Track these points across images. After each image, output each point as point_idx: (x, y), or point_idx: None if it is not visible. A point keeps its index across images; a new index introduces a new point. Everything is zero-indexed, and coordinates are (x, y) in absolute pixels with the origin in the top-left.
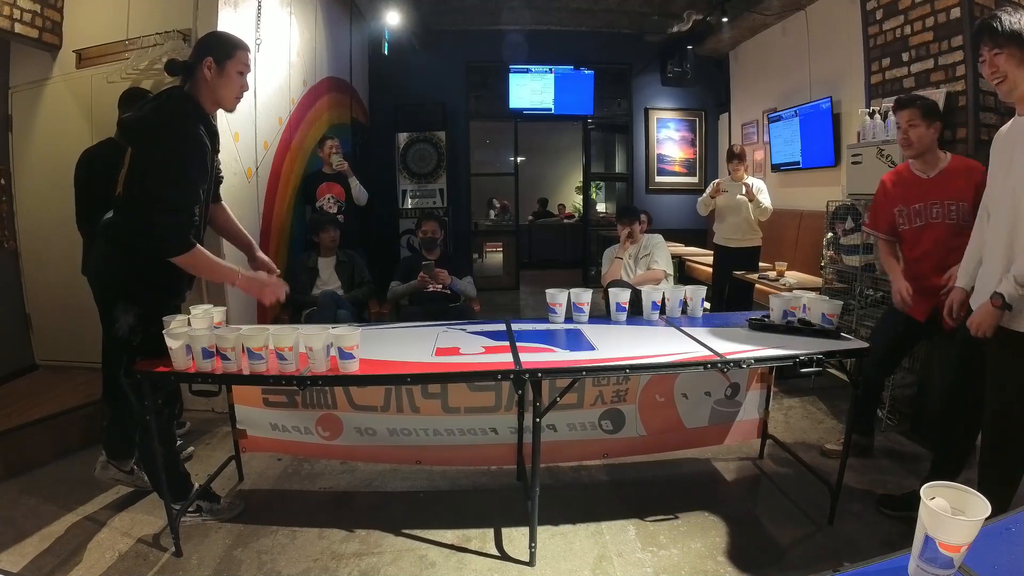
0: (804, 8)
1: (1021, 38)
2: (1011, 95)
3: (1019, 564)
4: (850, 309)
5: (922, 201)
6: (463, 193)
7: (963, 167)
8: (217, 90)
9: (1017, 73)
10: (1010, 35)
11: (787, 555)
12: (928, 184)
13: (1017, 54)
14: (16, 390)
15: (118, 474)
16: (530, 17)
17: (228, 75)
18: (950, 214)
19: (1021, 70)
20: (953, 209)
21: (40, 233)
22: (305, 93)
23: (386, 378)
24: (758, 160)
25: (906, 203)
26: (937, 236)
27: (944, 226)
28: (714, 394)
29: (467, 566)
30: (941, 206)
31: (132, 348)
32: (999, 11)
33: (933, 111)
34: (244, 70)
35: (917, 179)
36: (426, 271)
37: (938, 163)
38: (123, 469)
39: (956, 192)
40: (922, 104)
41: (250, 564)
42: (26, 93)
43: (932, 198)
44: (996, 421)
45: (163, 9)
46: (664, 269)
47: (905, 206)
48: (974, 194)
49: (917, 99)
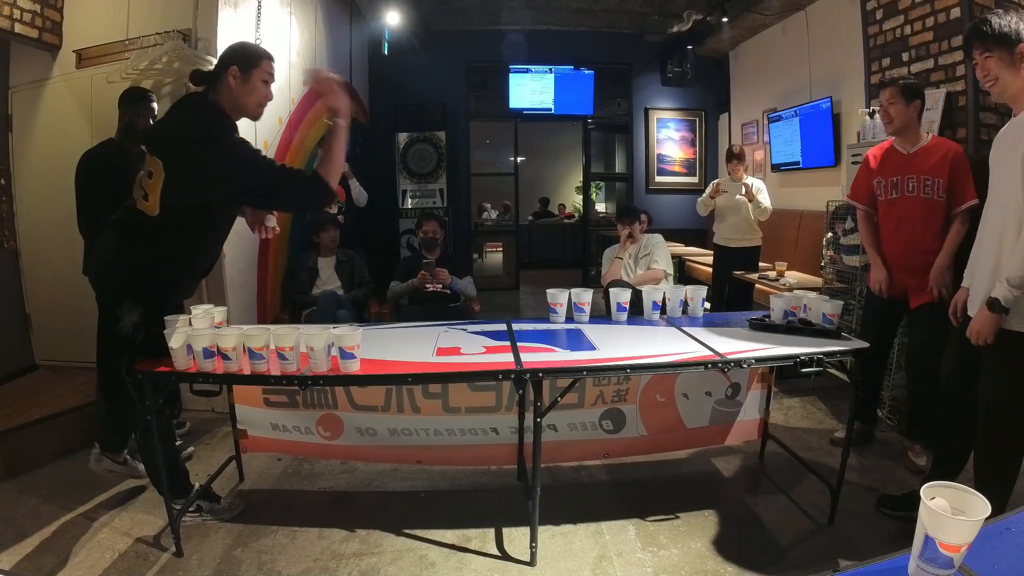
0: (804, 8)
1: (1008, 40)
2: (1003, 96)
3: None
4: (850, 309)
5: (900, 175)
6: (463, 193)
7: (941, 145)
8: (241, 98)
9: (1006, 74)
10: (998, 38)
11: (787, 555)
12: (907, 158)
13: (1006, 56)
14: (16, 390)
15: (112, 465)
16: (530, 17)
17: (253, 84)
18: (925, 189)
19: (1010, 71)
20: (928, 184)
21: (40, 233)
22: (305, 93)
23: (387, 378)
24: (758, 160)
25: (884, 175)
26: (910, 209)
27: (918, 200)
28: (715, 394)
29: (467, 566)
30: (917, 180)
31: (135, 346)
32: (989, 14)
33: (912, 90)
34: (268, 79)
35: (898, 153)
36: (427, 270)
37: (919, 141)
38: (117, 460)
39: (931, 168)
40: (903, 84)
41: (250, 564)
42: (26, 93)
43: (910, 172)
44: (990, 420)
45: (163, 9)
46: (664, 269)
47: (884, 178)
48: (949, 171)
49: (898, 79)
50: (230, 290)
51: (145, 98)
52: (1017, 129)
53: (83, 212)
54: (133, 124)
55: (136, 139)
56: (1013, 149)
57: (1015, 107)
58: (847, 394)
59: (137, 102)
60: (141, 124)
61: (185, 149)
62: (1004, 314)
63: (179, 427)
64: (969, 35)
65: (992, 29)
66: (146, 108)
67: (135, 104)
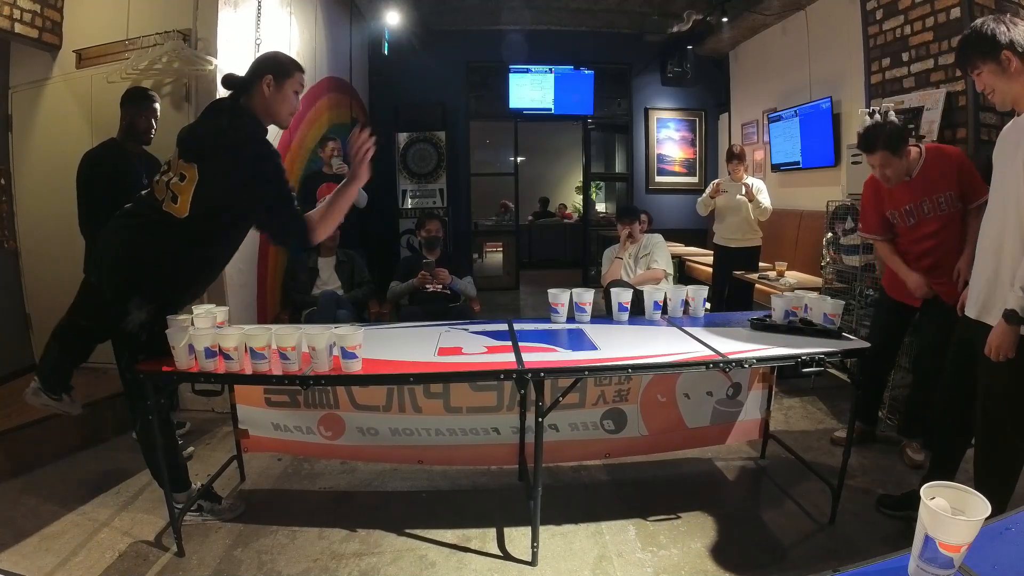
0: (804, 8)
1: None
2: (1005, 104)
3: (1019, 564)
4: (850, 309)
5: (911, 202)
6: (463, 193)
7: (938, 157)
8: (274, 106)
9: (1000, 83)
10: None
11: (787, 555)
12: (910, 185)
13: (994, 67)
14: (16, 390)
15: (48, 400)
16: (530, 17)
17: (285, 93)
18: (940, 207)
19: (1003, 79)
20: (942, 201)
21: (40, 233)
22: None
23: (389, 378)
24: (758, 160)
25: (896, 206)
26: (933, 227)
27: (937, 218)
28: (716, 394)
29: (467, 566)
30: (930, 201)
31: (139, 344)
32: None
33: (899, 141)
34: (299, 90)
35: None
36: (427, 270)
37: (916, 164)
38: (53, 396)
39: (938, 184)
40: (886, 142)
41: (250, 564)
42: (26, 93)
43: (920, 196)
44: (989, 421)
45: (163, 9)
46: (664, 269)
47: (895, 208)
48: (956, 179)
49: (879, 137)
50: (230, 290)
51: (147, 98)
52: (1018, 129)
53: (84, 212)
54: (135, 124)
55: (138, 139)
56: (1015, 148)
57: (1017, 107)
58: (847, 394)
59: (139, 102)
60: (143, 124)
61: (226, 154)
62: (1022, 324)
63: (179, 427)
64: (957, 61)
65: (970, 46)
66: (148, 108)
67: (137, 104)
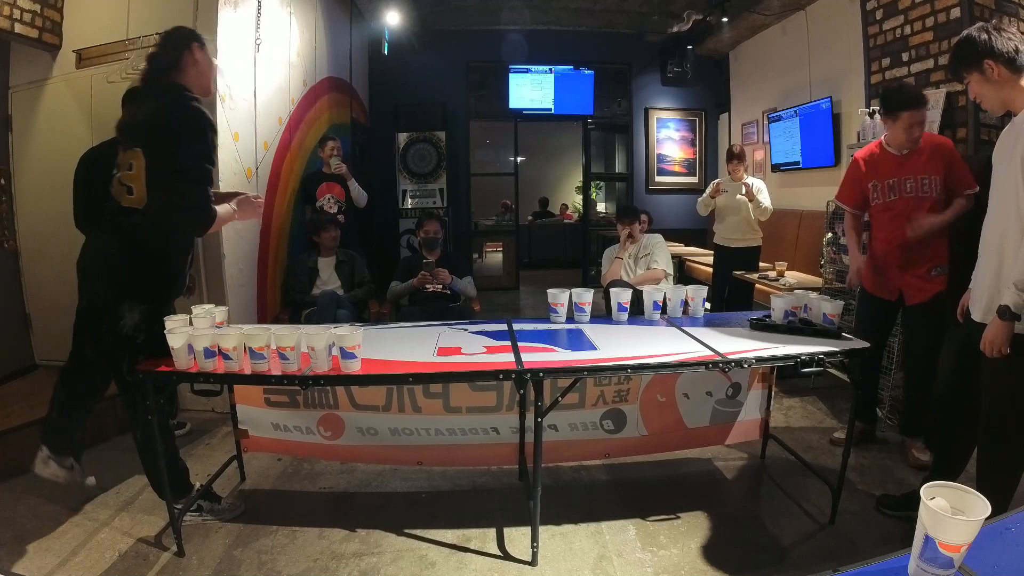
0: (804, 8)
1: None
2: (997, 111)
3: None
4: (850, 309)
5: (896, 176)
6: (463, 193)
7: (930, 142)
8: (207, 72)
9: (987, 91)
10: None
11: (787, 555)
12: (900, 160)
13: (979, 77)
14: (16, 390)
15: (58, 470)
16: (530, 17)
17: (209, 58)
18: (922, 188)
19: (989, 87)
20: (925, 183)
21: (40, 233)
22: (305, 93)
23: (388, 378)
24: (758, 160)
25: (879, 178)
26: (908, 208)
27: (915, 199)
28: (715, 394)
29: (467, 566)
30: (914, 180)
31: (136, 346)
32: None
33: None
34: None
35: (890, 156)
36: (427, 270)
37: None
38: (63, 465)
39: (925, 166)
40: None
41: (250, 564)
42: (26, 93)
43: (905, 173)
44: (991, 421)
45: (163, 9)
46: (664, 269)
47: (879, 180)
48: (943, 166)
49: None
50: (230, 290)
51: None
52: (1015, 130)
53: (80, 211)
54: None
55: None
56: (1012, 149)
57: (1013, 109)
58: (847, 394)
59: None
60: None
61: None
62: (1016, 321)
63: (179, 428)
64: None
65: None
66: None
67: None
